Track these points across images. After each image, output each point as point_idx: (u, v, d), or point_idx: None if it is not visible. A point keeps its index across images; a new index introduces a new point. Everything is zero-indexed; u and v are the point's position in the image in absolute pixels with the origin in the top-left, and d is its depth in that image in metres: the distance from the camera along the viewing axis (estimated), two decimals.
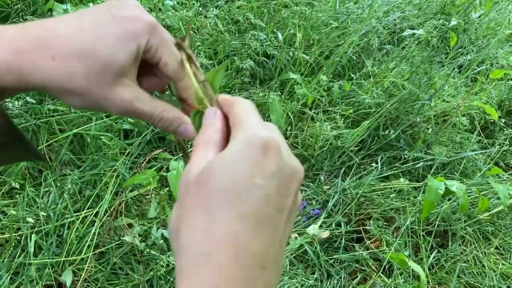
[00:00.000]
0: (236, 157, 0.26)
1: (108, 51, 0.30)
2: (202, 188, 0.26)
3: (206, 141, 0.29)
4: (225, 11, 1.72)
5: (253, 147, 0.27)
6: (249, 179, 0.26)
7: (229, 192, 0.26)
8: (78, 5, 1.44)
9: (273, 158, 0.26)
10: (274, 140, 0.27)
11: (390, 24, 2.22)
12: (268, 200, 0.26)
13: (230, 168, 0.26)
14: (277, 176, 0.26)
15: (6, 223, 1.13)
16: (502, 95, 2.15)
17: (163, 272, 1.18)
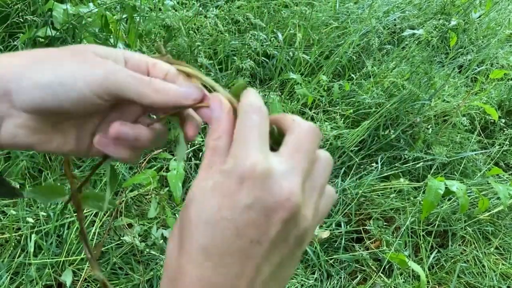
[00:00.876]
0: (213, 187, 0.26)
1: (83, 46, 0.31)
2: (183, 214, 0.27)
3: (212, 149, 0.28)
4: (225, 11, 1.72)
5: (230, 179, 0.25)
6: (218, 212, 0.25)
7: (196, 224, 0.25)
8: (78, 5, 1.44)
9: (248, 189, 0.25)
10: (254, 167, 0.25)
11: (390, 24, 2.22)
12: (238, 233, 0.25)
13: (202, 198, 0.26)
14: (253, 207, 0.25)
15: (6, 223, 1.13)
16: (502, 95, 2.15)
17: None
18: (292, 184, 0.26)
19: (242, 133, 0.27)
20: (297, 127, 0.28)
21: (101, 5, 1.41)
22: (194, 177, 1.45)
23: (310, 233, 0.28)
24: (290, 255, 0.27)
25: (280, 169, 0.26)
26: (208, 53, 1.65)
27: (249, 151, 0.26)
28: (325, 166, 0.29)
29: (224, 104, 0.29)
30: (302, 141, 0.28)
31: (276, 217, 0.25)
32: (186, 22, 1.57)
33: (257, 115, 0.28)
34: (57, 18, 1.34)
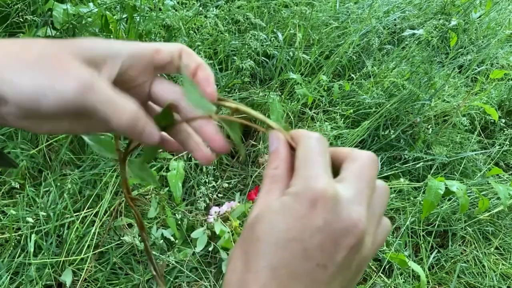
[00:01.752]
0: (282, 208, 0.26)
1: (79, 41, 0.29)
2: (248, 232, 0.27)
3: (271, 178, 0.28)
4: (225, 11, 1.72)
5: (301, 201, 0.25)
6: (288, 233, 0.25)
7: (265, 242, 0.25)
8: (78, 5, 1.44)
9: (320, 211, 0.25)
10: (325, 191, 0.25)
11: (390, 24, 2.22)
12: (306, 255, 0.25)
13: (272, 219, 0.26)
14: (323, 230, 0.25)
15: (6, 223, 1.13)
16: (502, 95, 2.15)
17: (163, 272, 1.18)
18: (360, 211, 0.26)
19: (309, 156, 0.27)
20: (358, 155, 0.29)
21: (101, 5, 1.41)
22: (194, 177, 1.45)
23: (368, 260, 0.28)
24: (350, 282, 0.27)
25: (347, 195, 0.26)
26: (208, 53, 1.65)
27: (318, 173, 0.26)
28: (383, 196, 0.29)
29: (281, 137, 0.30)
30: (364, 169, 0.28)
31: (344, 243, 0.25)
32: (186, 22, 1.57)
33: (319, 142, 0.28)
34: (57, 18, 1.34)
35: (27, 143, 1.24)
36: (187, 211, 1.34)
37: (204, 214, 1.36)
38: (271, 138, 0.30)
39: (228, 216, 1.32)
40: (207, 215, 1.34)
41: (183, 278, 1.22)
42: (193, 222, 1.32)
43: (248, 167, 1.57)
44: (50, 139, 1.26)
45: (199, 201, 1.32)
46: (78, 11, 1.37)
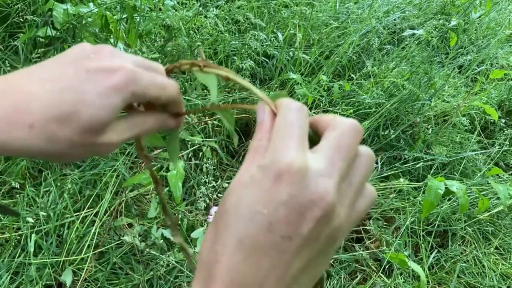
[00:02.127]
0: (250, 182, 0.26)
1: (88, 112, 0.30)
2: (220, 205, 0.27)
3: (254, 148, 0.28)
4: (225, 11, 1.72)
5: (267, 174, 0.26)
6: (252, 205, 0.26)
7: (232, 215, 0.26)
8: (78, 5, 1.44)
9: (285, 185, 0.25)
10: (291, 164, 0.25)
11: (390, 24, 2.22)
12: (270, 227, 0.25)
13: (240, 192, 0.26)
14: (287, 204, 0.25)
15: (6, 222, 1.13)
16: (502, 95, 2.15)
17: (163, 272, 1.18)
18: (327, 184, 0.26)
19: (282, 129, 0.27)
20: (337, 124, 0.28)
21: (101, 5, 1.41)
22: (194, 177, 1.45)
23: (343, 231, 0.27)
24: (321, 253, 0.27)
25: (316, 168, 0.26)
26: (208, 53, 1.66)
27: (287, 148, 0.26)
28: (365, 163, 0.29)
29: (266, 108, 0.30)
30: (342, 138, 0.27)
31: (309, 216, 0.25)
32: (186, 22, 1.57)
33: (297, 112, 0.28)
34: (57, 18, 1.34)
35: None
36: (187, 211, 1.35)
37: (204, 214, 1.36)
38: (257, 110, 0.30)
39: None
40: (207, 215, 1.34)
41: (183, 278, 1.22)
42: (193, 222, 1.32)
43: None
44: None
45: (199, 201, 1.32)
46: (78, 11, 1.37)
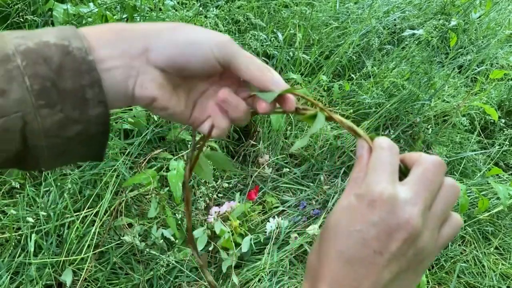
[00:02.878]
0: (348, 206, 0.32)
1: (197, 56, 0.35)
2: (325, 223, 0.34)
3: (354, 180, 0.34)
4: (225, 11, 1.72)
5: (362, 201, 0.32)
6: (350, 224, 0.32)
7: (333, 231, 0.33)
8: (78, 5, 1.44)
9: (377, 211, 0.31)
10: (382, 194, 0.31)
11: (390, 24, 2.22)
12: (365, 243, 0.31)
13: (340, 213, 0.33)
14: (379, 225, 0.31)
15: (6, 222, 1.13)
16: (502, 96, 2.15)
17: (163, 271, 1.18)
18: (412, 211, 0.31)
19: (375, 164, 0.33)
20: (422, 160, 0.33)
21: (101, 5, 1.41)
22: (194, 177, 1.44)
23: (429, 252, 0.33)
24: (409, 269, 0.32)
25: (404, 197, 0.31)
26: None
27: (379, 180, 0.32)
28: (449, 194, 0.33)
29: (365, 145, 0.35)
30: (426, 172, 0.33)
31: (397, 236, 0.31)
32: (186, 22, 1.57)
33: (389, 151, 0.34)
34: (58, 18, 1.34)
35: None
36: None
37: (204, 214, 1.36)
38: (358, 146, 0.36)
39: (228, 216, 1.32)
40: (207, 215, 1.34)
41: (183, 278, 1.22)
42: (193, 222, 1.32)
43: (248, 167, 1.57)
44: None
45: (199, 201, 1.32)
46: (78, 11, 1.37)
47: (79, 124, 0.32)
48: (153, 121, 1.37)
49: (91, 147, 0.35)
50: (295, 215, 1.46)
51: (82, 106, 0.32)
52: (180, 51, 0.34)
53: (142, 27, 0.34)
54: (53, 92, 0.31)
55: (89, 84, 0.31)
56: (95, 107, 0.32)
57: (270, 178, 1.56)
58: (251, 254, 1.32)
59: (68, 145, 0.33)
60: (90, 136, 0.34)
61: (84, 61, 0.31)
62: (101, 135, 0.35)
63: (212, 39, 0.34)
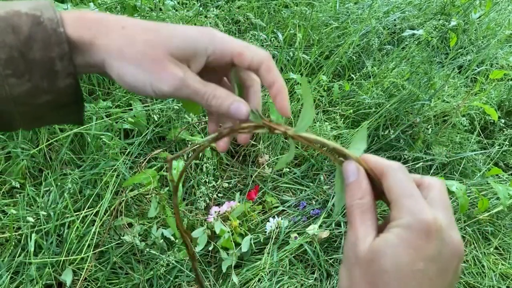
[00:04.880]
0: (399, 241, 0.29)
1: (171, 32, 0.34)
2: (370, 266, 0.30)
3: (360, 208, 0.32)
4: (226, 11, 1.72)
5: (415, 232, 0.29)
6: (411, 264, 0.28)
7: (393, 274, 0.29)
8: (78, 4, 1.44)
9: (433, 241, 0.29)
10: (435, 222, 0.29)
11: (390, 24, 2.22)
12: (431, 284, 0.29)
13: (393, 252, 0.29)
14: (438, 259, 0.29)
15: (6, 222, 1.13)
16: (502, 96, 2.15)
17: (163, 271, 1.19)
18: (457, 235, 0.30)
19: (404, 188, 0.31)
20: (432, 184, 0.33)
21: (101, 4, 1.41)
22: (194, 177, 1.44)
23: None
24: None
25: (446, 222, 0.30)
26: None
27: (422, 206, 0.30)
28: None
29: (360, 168, 0.33)
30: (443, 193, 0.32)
31: (452, 267, 0.29)
32: (186, 22, 1.57)
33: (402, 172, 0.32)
34: None
35: (28, 142, 1.24)
36: (187, 211, 1.35)
37: (204, 214, 1.36)
38: (348, 168, 0.33)
39: (228, 216, 1.32)
40: (207, 214, 1.35)
41: (183, 278, 1.22)
42: (193, 221, 1.32)
43: (248, 167, 1.57)
44: (50, 139, 1.26)
45: (199, 201, 1.32)
46: None
47: (48, 94, 0.32)
48: (153, 121, 1.37)
49: (66, 114, 0.35)
50: (295, 215, 1.46)
51: (51, 77, 0.32)
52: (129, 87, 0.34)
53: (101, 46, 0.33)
54: (20, 62, 0.30)
55: (58, 56, 0.31)
56: (64, 79, 0.32)
57: (270, 178, 1.56)
58: (251, 254, 1.32)
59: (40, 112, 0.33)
60: (62, 105, 0.34)
61: (55, 32, 0.31)
62: (74, 104, 0.34)
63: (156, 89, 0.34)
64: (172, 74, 0.34)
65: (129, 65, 0.33)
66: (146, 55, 0.33)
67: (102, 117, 1.27)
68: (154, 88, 0.34)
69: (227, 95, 0.36)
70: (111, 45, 0.33)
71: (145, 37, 0.34)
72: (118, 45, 0.33)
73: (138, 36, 0.34)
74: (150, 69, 0.33)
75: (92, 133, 1.25)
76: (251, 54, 0.36)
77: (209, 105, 0.36)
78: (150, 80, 0.33)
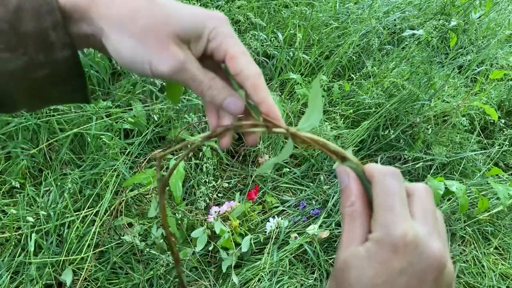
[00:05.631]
0: (367, 255, 0.28)
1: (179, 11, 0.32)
2: (340, 277, 0.29)
3: (350, 215, 0.31)
4: (226, 11, 1.72)
5: (384, 247, 0.28)
6: (376, 278, 0.28)
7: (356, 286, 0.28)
8: None
9: (402, 255, 0.27)
10: (405, 236, 0.28)
11: (390, 24, 2.22)
12: None
13: (360, 265, 0.28)
14: (406, 272, 0.27)
15: (6, 222, 1.13)
16: (502, 96, 2.15)
17: (163, 271, 1.19)
18: (439, 246, 0.28)
19: (385, 200, 0.29)
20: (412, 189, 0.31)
21: None
22: (194, 177, 1.44)
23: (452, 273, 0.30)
24: None
25: (423, 233, 0.28)
26: None
27: (396, 220, 0.28)
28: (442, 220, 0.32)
29: (351, 173, 0.32)
30: (426, 202, 0.31)
31: (429, 278, 0.28)
32: None
33: (396, 181, 0.30)
34: None
35: (28, 142, 1.24)
36: (187, 211, 1.35)
37: (204, 214, 1.36)
38: (340, 173, 0.33)
39: (228, 216, 1.32)
40: (207, 214, 1.35)
41: (183, 278, 1.22)
42: (193, 221, 1.32)
43: (248, 167, 1.57)
44: (50, 139, 1.26)
45: (199, 201, 1.32)
46: None
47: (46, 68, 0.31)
48: (153, 121, 1.37)
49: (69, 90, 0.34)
50: (295, 215, 1.46)
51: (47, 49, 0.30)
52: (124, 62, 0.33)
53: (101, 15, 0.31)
54: (12, 35, 0.29)
55: (52, 27, 0.30)
56: (61, 50, 0.31)
57: (270, 178, 1.56)
58: (251, 254, 1.32)
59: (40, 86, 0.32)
60: (63, 78, 0.32)
61: (45, 1, 0.29)
62: (75, 77, 0.33)
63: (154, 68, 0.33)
64: (174, 55, 0.32)
65: (129, 39, 0.31)
66: (149, 31, 0.31)
67: (102, 117, 1.27)
68: (153, 67, 0.32)
69: (223, 87, 0.35)
70: (112, 15, 0.31)
71: (150, 11, 0.32)
72: (120, 16, 0.31)
73: (143, 9, 0.32)
74: (152, 46, 0.32)
75: (92, 133, 1.25)
76: (242, 64, 0.34)
77: (203, 94, 0.34)
78: (150, 58, 0.32)
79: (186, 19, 0.33)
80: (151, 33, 0.31)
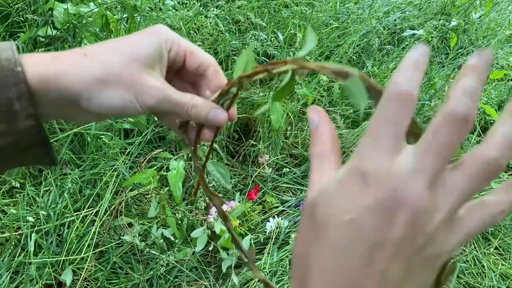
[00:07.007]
0: (335, 189, 0.25)
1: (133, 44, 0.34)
2: (307, 216, 0.27)
3: (320, 154, 0.28)
4: (226, 11, 1.72)
5: (352, 178, 0.24)
6: (343, 215, 0.24)
7: (322, 225, 0.25)
8: (78, 4, 1.44)
9: (371, 189, 0.24)
10: (381, 166, 0.24)
11: (390, 24, 2.22)
12: (361, 236, 0.24)
13: (326, 201, 0.25)
14: (374, 209, 0.24)
15: (6, 222, 1.13)
16: (502, 96, 2.15)
17: (163, 271, 1.19)
18: (416, 186, 0.23)
19: (375, 127, 0.25)
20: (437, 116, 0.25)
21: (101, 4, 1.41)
22: (194, 177, 1.44)
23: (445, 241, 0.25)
24: (421, 261, 0.25)
25: (405, 170, 0.24)
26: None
27: (376, 148, 0.24)
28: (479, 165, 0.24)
29: (320, 112, 0.30)
30: (437, 133, 0.24)
31: (399, 220, 0.23)
32: (186, 22, 1.57)
33: (398, 105, 0.24)
34: (58, 17, 1.34)
35: None
36: (187, 211, 1.35)
37: (204, 214, 1.36)
38: (310, 115, 0.30)
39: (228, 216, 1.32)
40: (207, 214, 1.35)
41: (183, 278, 1.22)
42: (193, 221, 1.32)
43: (248, 167, 1.57)
44: (50, 138, 1.26)
45: (199, 201, 1.32)
46: (79, 10, 1.37)
47: (8, 137, 0.31)
48: (153, 121, 1.37)
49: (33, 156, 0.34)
50: (295, 215, 1.46)
51: (10, 119, 0.31)
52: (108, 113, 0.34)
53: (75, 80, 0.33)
54: None
55: (17, 97, 0.30)
56: (25, 120, 0.31)
57: (270, 178, 1.56)
58: None
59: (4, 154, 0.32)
60: (26, 146, 0.33)
61: (12, 72, 0.30)
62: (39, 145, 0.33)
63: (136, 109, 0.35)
64: (153, 86, 0.34)
65: (112, 90, 0.33)
66: (124, 74, 0.33)
67: None
68: (140, 104, 0.34)
69: (204, 103, 0.36)
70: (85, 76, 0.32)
71: (113, 57, 0.33)
72: (94, 75, 0.33)
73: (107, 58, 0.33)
74: (132, 86, 0.34)
75: (92, 133, 1.25)
76: (202, 55, 0.38)
77: (189, 115, 0.36)
78: (135, 97, 0.34)
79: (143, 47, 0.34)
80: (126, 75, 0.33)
